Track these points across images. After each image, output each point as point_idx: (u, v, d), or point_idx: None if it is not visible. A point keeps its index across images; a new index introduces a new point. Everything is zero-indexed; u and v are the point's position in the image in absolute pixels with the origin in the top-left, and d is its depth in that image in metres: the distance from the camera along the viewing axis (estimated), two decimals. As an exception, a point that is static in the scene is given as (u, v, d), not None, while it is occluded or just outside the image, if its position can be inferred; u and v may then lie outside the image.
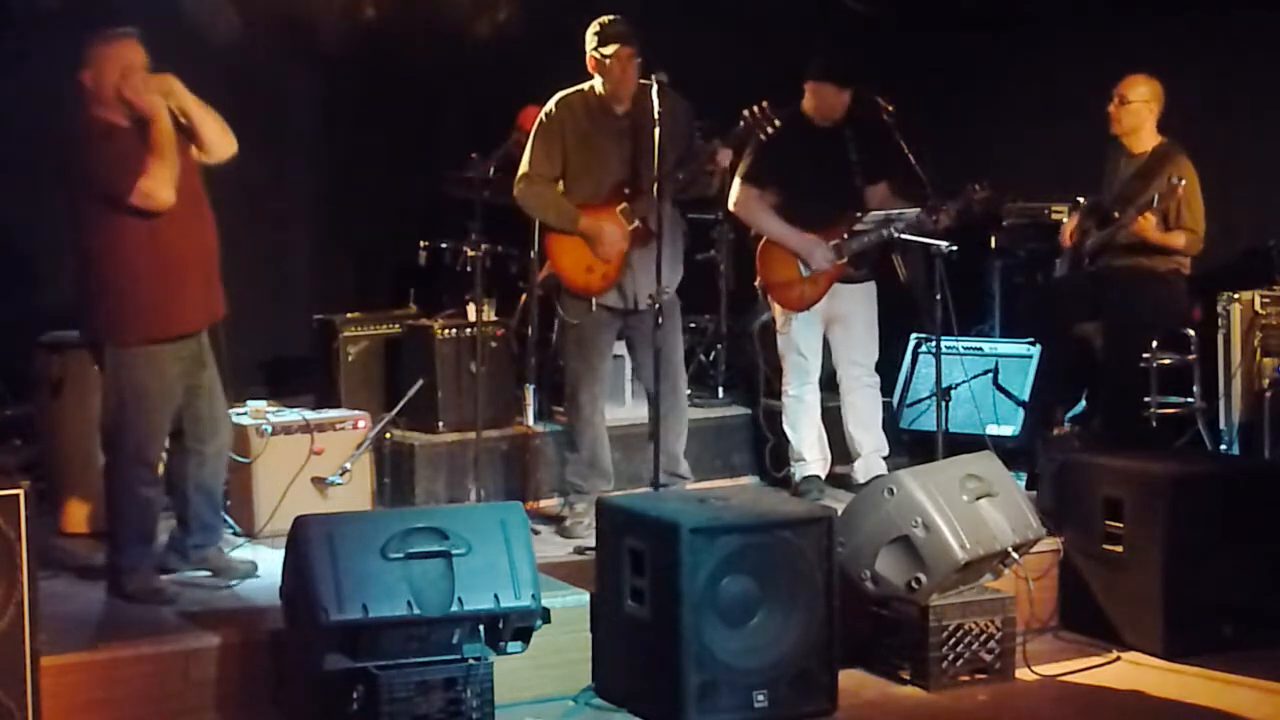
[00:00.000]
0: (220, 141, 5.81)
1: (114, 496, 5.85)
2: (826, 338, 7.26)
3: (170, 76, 5.69)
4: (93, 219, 5.65)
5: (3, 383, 7.15)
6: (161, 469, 6.03)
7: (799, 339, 7.20)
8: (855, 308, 7.21)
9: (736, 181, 7.15)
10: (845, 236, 7.04)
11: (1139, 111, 7.32)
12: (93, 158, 5.62)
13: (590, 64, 6.60)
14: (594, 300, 6.69)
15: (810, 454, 7.27)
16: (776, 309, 7.26)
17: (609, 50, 6.51)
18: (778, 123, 6.53)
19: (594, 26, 6.58)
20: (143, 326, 5.70)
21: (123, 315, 5.70)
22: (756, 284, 7.29)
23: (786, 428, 7.31)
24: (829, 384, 7.36)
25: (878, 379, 7.36)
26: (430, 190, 8.14)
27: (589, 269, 6.67)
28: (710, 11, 8.57)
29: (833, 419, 7.34)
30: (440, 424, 7.26)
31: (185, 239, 5.74)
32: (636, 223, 6.60)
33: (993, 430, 7.54)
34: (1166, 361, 7.44)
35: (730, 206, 7.27)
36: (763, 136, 6.60)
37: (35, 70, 7.31)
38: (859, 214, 7.06)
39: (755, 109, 6.52)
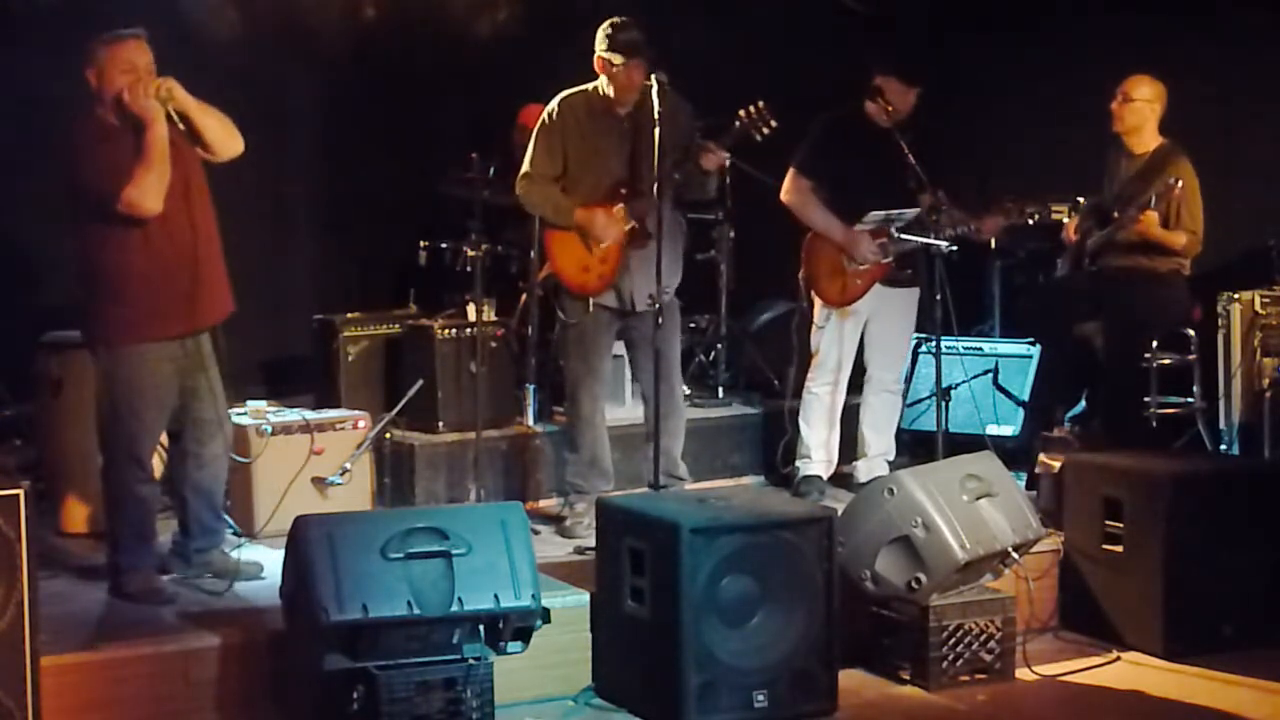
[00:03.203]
0: (225, 141, 5.81)
1: (111, 496, 5.86)
2: (862, 339, 7.21)
3: (170, 80, 5.66)
4: (88, 220, 5.67)
5: (3, 383, 7.14)
6: (161, 471, 6.03)
7: (832, 337, 7.16)
8: (894, 313, 7.18)
9: (790, 171, 7.12)
10: (891, 235, 7.00)
11: (1141, 110, 7.33)
12: (87, 161, 5.61)
13: (598, 64, 6.56)
14: (591, 300, 6.68)
15: (817, 454, 7.25)
16: (817, 304, 7.22)
17: (619, 61, 6.47)
18: (774, 123, 6.51)
19: (605, 28, 6.52)
20: (132, 327, 5.70)
21: (113, 315, 5.71)
22: (800, 276, 7.25)
23: (801, 421, 7.29)
24: (853, 384, 7.32)
25: (902, 386, 7.37)
26: (430, 190, 8.14)
27: (585, 269, 6.66)
28: (712, 11, 8.56)
29: (847, 415, 7.31)
30: (440, 424, 7.26)
31: (176, 243, 5.72)
32: (632, 223, 6.59)
33: (993, 430, 7.54)
34: (1166, 361, 7.43)
35: (782, 195, 7.18)
36: (758, 137, 6.56)
37: (35, 70, 7.31)
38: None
39: (751, 108, 6.50)
